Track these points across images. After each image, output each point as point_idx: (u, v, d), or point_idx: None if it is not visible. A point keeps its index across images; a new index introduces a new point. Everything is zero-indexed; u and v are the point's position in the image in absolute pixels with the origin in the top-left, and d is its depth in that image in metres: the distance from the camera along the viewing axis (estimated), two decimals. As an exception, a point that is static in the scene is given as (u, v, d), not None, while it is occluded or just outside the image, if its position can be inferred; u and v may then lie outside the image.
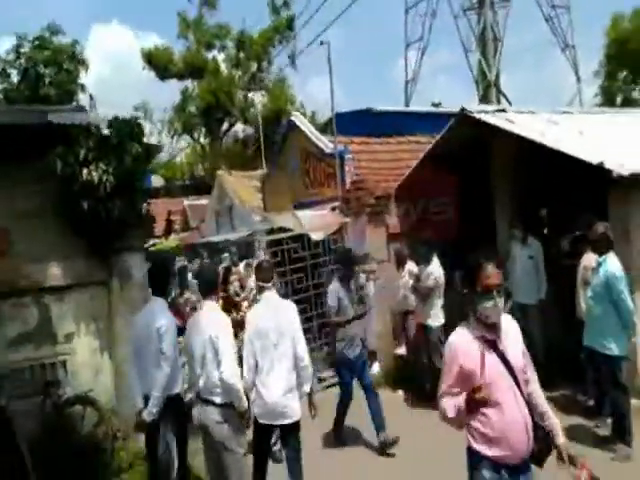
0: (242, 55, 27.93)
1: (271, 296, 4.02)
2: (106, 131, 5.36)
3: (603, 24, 27.43)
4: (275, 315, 3.91)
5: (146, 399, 3.91)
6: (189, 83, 28.16)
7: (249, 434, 3.91)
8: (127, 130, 5.37)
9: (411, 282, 6.22)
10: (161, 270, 4.19)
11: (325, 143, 10.11)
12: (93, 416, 4.93)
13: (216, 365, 3.60)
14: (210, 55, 27.51)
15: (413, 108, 17.18)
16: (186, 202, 19.90)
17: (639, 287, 5.05)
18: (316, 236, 7.38)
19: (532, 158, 6.51)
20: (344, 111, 11.38)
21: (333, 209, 8.85)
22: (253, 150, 26.96)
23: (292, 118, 11.55)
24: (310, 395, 4.00)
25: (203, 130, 29.01)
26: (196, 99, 27.82)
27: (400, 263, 6.68)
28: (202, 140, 28.74)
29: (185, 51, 27.48)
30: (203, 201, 17.19)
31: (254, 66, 28.33)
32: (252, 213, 11.91)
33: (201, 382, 3.72)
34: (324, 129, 11.02)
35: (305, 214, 7.85)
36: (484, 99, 22.77)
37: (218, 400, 3.64)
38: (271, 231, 8.62)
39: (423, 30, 25.99)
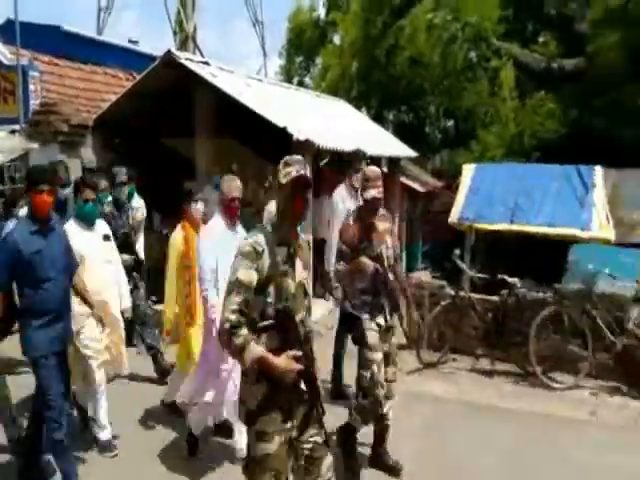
0: None
1: None
2: None
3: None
4: None
5: None
6: None
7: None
8: None
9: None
10: None
11: (3, 53, 8.68)
12: None
13: None
14: None
15: (108, 39, 15.97)
16: None
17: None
18: (-7, 159, 6.39)
19: (230, 113, 7.21)
20: (26, 21, 9.90)
21: (13, 132, 7.78)
22: None
23: (-47, 12, 9.35)
24: None
25: None
26: None
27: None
28: None
29: None
30: None
31: None
32: None
33: None
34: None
35: (-21, 132, 6.65)
36: (181, 50, 22.73)
37: None
38: None
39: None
